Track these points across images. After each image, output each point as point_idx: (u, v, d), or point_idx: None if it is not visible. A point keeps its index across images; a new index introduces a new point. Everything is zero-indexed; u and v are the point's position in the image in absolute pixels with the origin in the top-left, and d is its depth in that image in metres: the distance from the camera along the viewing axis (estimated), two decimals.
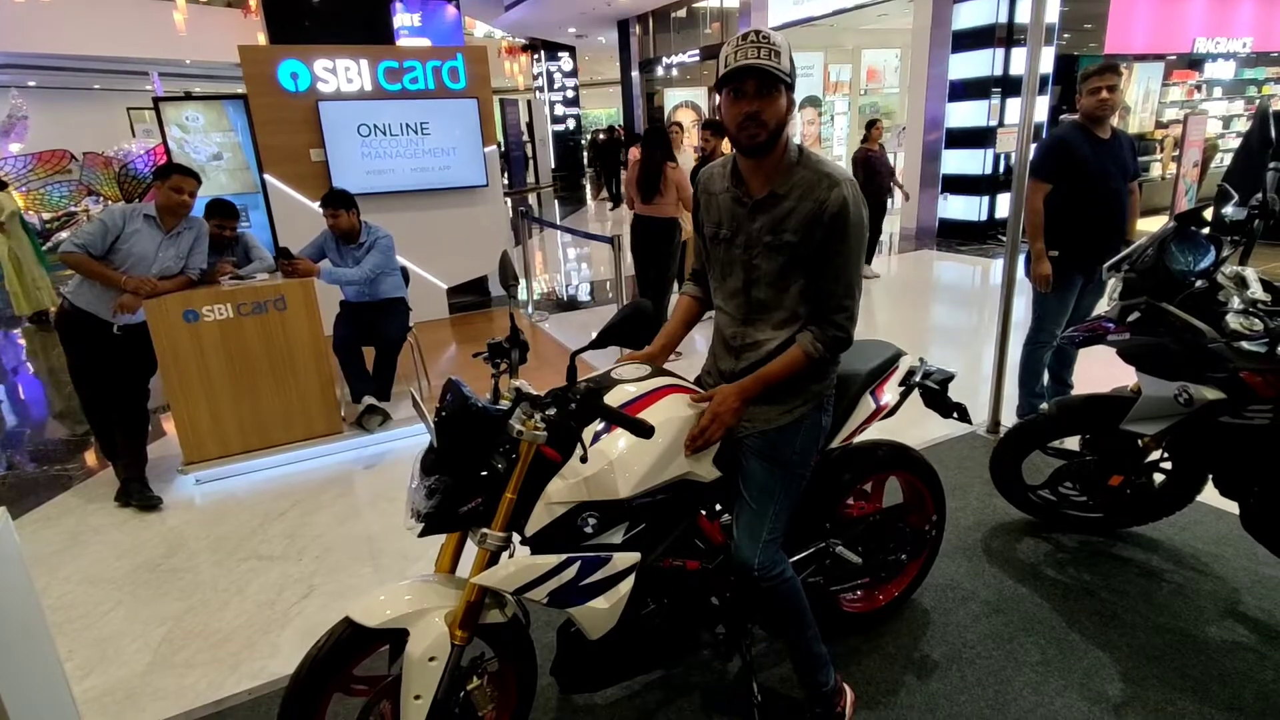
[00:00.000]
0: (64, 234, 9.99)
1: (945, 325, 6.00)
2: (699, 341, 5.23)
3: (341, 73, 5.48)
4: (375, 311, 4.18)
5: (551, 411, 1.49)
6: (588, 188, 18.63)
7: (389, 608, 1.52)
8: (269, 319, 3.60)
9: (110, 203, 11.06)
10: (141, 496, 3.40)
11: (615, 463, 1.59)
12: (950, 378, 2.19)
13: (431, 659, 1.50)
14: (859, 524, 2.16)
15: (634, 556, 1.62)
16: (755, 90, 1.51)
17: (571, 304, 7.27)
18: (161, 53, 13.98)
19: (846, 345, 1.68)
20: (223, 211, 3.84)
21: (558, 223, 12.32)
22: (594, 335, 1.56)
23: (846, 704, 1.92)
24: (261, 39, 10.44)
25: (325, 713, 1.56)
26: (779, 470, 1.74)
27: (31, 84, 14.69)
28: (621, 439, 1.62)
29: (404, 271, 4.40)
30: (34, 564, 2.90)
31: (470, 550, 1.62)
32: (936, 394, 2.17)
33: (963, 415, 2.19)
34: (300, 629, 2.48)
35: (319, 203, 4.15)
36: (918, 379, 2.15)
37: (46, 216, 10.99)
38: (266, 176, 5.49)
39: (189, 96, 7.06)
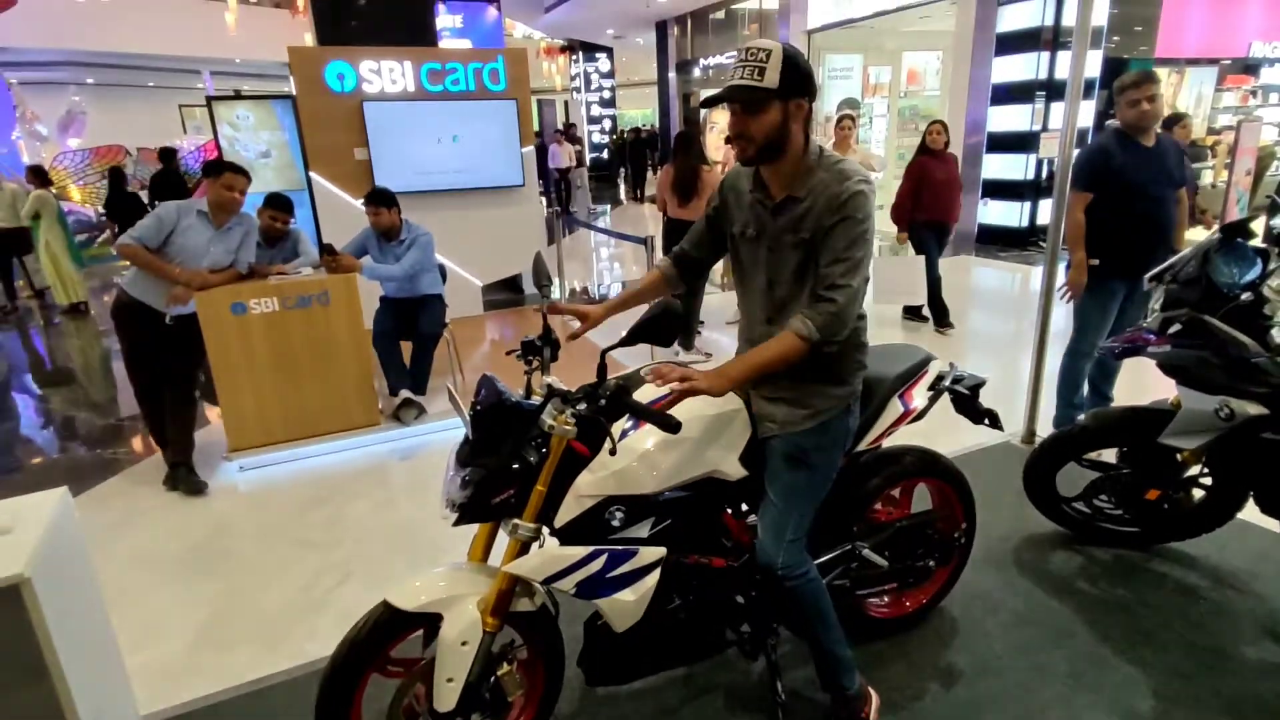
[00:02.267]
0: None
1: (983, 332, 5.91)
2: (726, 343, 5.25)
3: (386, 74, 5.61)
4: (413, 307, 4.28)
5: (582, 407, 1.53)
6: (621, 186, 18.70)
7: (424, 593, 1.58)
8: (313, 312, 3.71)
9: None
10: (188, 482, 3.53)
11: (642, 458, 1.63)
12: (981, 384, 2.18)
13: (464, 643, 1.55)
14: (887, 529, 2.16)
15: (660, 551, 1.66)
16: (741, 109, 1.56)
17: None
18: (213, 52, 14.43)
19: (841, 326, 1.58)
20: (277, 204, 4.00)
21: (591, 223, 12.40)
22: (624, 334, 1.60)
23: (871, 710, 1.92)
24: (309, 39, 10.71)
25: (363, 692, 1.62)
26: (804, 472, 1.76)
27: (90, 81, 15.26)
28: (649, 435, 1.65)
29: (441, 269, 4.49)
30: (88, 543, 3.03)
31: (502, 540, 1.67)
32: (967, 399, 2.16)
33: (994, 422, 2.18)
34: (337, 613, 2.56)
35: (362, 200, 4.27)
36: (947, 384, 2.14)
37: (102, 209, 11.40)
38: (312, 174, 5.65)
39: (239, 96, 7.30)
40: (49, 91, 13.58)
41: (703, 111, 15.71)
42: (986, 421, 2.18)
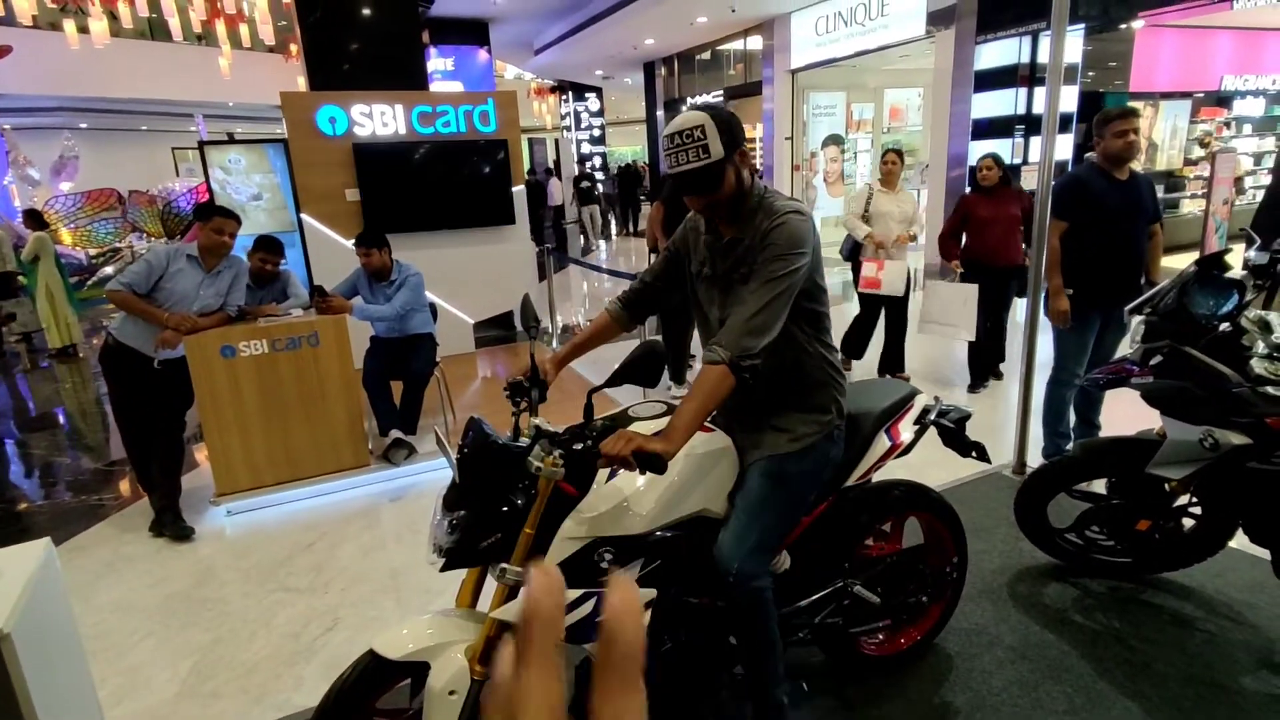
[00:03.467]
0: (109, 269, 10.37)
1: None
2: None
3: (377, 117, 5.70)
4: (404, 347, 4.28)
5: (576, 447, 1.53)
6: (613, 222, 18.90)
7: (411, 641, 1.56)
8: (302, 354, 3.71)
9: (153, 239, 11.48)
10: (175, 527, 3.49)
11: (631, 499, 1.62)
12: (967, 416, 2.20)
13: (451, 693, 1.52)
14: (878, 564, 2.15)
15: (650, 593, 1.65)
16: (697, 190, 1.63)
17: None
18: (206, 96, 14.62)
19: (751, 339, 1.55)
20: (267, 247, 4.01)
21: (581, 259, 12.50)
22: (610, 373, 1.61)
23: None
24: (301, 82, 10.88)
25: None
26: (779, 489, 1.77)
27: (83, 125, 15.40)
28: (637, 476, 1.65)
29: (433, 307, 4.51)
30: (70, 591, 2.97)
31: (491, 585, 1.65)
32: (954, 432, 2.17)
33: (981, 454, 2.19)
34: (325, 661, 2.52)
35: (353, 241, 4.29)
36: (933, 417, 2.16)
37: (93, 252, 11.43)
38: (303, 216, 5.69)
39: (232, 140, 7.38)
40: (42, 136, 13.67)
41: None
42: (974, 454, 2.19)
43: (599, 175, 20.11)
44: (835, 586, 2.05)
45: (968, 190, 4.85)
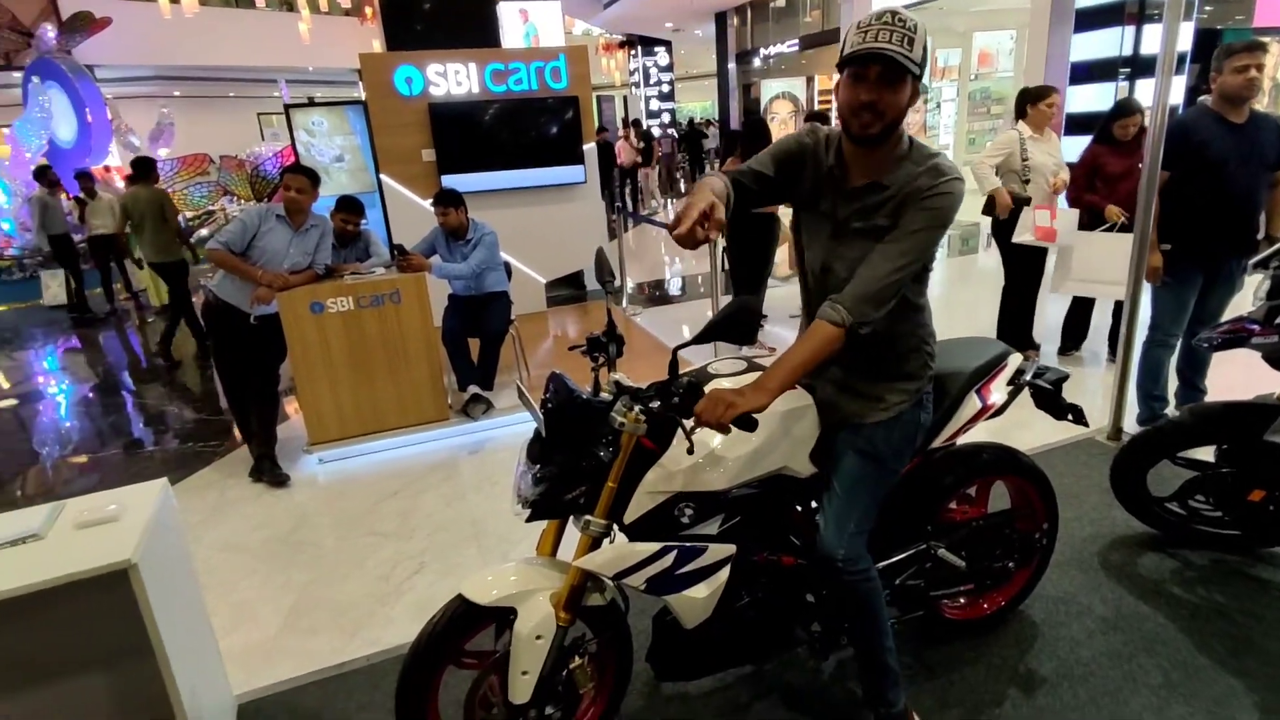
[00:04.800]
0: (204, 231, 10.93)
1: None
2: (789, 337, 5.15)
3: (451, 76, 5.74)
4: (480, 305, 4.38)
5: (655, 404, 1.53)
6: (681, 181, 18.62)
7: (498, 588, 1.61)
8: (385, 311, 3.84)
9: (243, 202, 12.03)
10: (272, 474, 3.71)
11: (712, 455, 1.62)
12: (1064, 378, 2.08)
13: (538, 637, 1.58)
14: (963, 528, 2.09)
15: (729, 548, 1.65)
16: (878, 77, 1.42)
17: (665, 298, 7.33)
18: (288, 61, 15.03)
19: (872, 307, 1.48)
20: (348, 207, 4.14)
21: (652, 218, 12.40)
22: (686, 330, 1.59)
23: None
24: (377, 45, 11.05)
25: (440, 683, 1.67)
26: (871, 464, 1.72)
27: (176, 93, 16.12)
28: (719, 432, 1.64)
29: (507, 267, 4.58)
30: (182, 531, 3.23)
31: (570, 534, 1.69)
32: (1049, 394, 2.06)
33: (1078, 417, 2.08)
34: (412, 603, 2.65)
35: (430, 201, 4.38)
36: (1027, 378, 2.06)
37: (189, 215, 12.06)
38: (382, 176, 5.83)
39: (313, 103, 7.58)
40: (140, 105, 14.41)
41: (763, 101, 15.50)
42: (1070, 417, 2.08)
43: (656, 133, 19.52)
44: (918, 549, 2.01)
45: (1095, 142, 4.28)
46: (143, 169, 6.14)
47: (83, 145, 11.15)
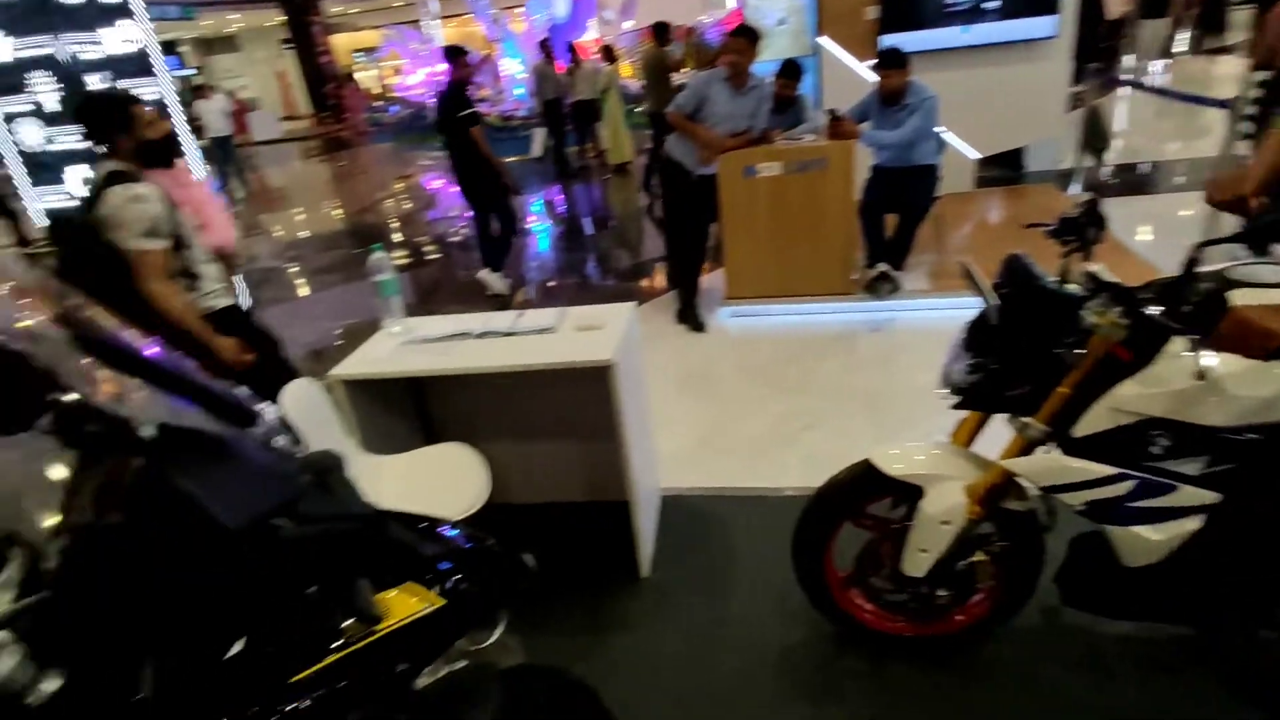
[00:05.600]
0: None
1: None
2: None
3: None
4: (904, 178, 4.12)
5: (1152, 310, 1.28)
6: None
7: (908, 464, 1.61)
8: (811, 178, 3.88)
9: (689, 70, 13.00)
10: (692, 320, 4.20)
11: (1215, 383, 1.31)
12: None
13: (945, 522, 1.56)
14: None
15: (1212, 496, 1.37)
16: None
17: (1142, 185, 6.00)
18: None
19: None
20: (786, 71, 4.20)
21: (1152, 84, 9.80)
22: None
23: None
24: None
25: (837, 532, 1.78)
26: None
27: None
28: (1229, 357, 1.32)
29: (939, 139, 4.18)
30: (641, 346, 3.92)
31: (988, 430, 1.60)
32: None
33: None
34: (803, 453, 2.84)
35: (872, 62, 4.15)
36: None
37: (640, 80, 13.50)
38: (821, 39, 5.67)
39: None
40: None
41: None
42: None
43: None
44: None
45: None
46: (660, 33, 7.82)
47: (574, 21, 13.19)
